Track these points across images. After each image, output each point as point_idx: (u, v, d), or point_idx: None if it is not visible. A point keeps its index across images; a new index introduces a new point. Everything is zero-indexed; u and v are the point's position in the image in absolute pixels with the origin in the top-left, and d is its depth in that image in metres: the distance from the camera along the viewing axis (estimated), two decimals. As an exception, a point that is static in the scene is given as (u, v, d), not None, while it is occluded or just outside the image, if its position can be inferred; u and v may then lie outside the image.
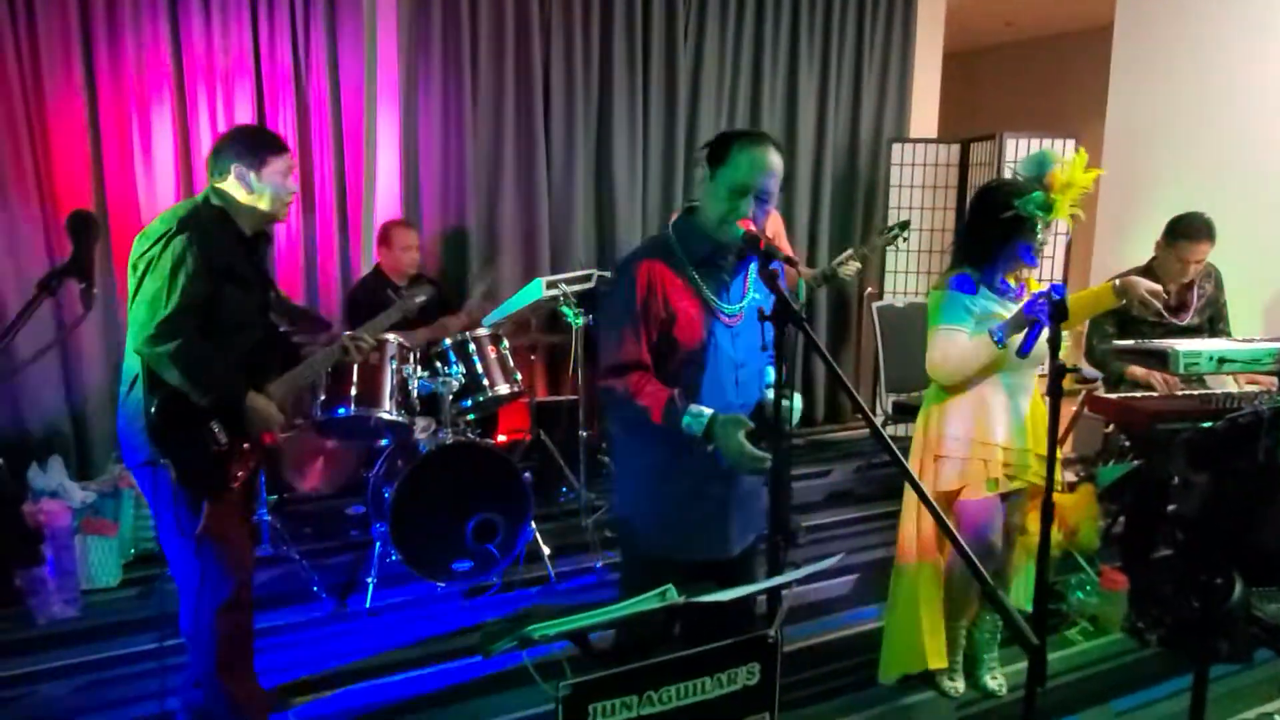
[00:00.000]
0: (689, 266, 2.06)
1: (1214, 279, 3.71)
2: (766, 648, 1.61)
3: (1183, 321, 3.60)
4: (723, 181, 1.99)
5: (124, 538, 3.90)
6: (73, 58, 4.17)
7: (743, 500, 2.19)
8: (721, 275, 2.09)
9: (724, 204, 1.99)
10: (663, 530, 2.15)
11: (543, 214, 5.29)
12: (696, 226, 2.08)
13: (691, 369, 2.07)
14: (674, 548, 2.14)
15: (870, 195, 6.30)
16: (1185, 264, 3.49)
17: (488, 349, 3.92)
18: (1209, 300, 3.66)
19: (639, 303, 2.02)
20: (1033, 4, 7.12)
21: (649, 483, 2.16)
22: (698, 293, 2.06)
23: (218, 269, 2.33)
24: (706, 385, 2.08)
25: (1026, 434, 2.70)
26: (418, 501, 3.54)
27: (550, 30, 5.20)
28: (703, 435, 1.97)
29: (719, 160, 2.01)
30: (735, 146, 2.00)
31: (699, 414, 1.97)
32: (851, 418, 6.50)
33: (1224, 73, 4.81)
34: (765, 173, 1.98)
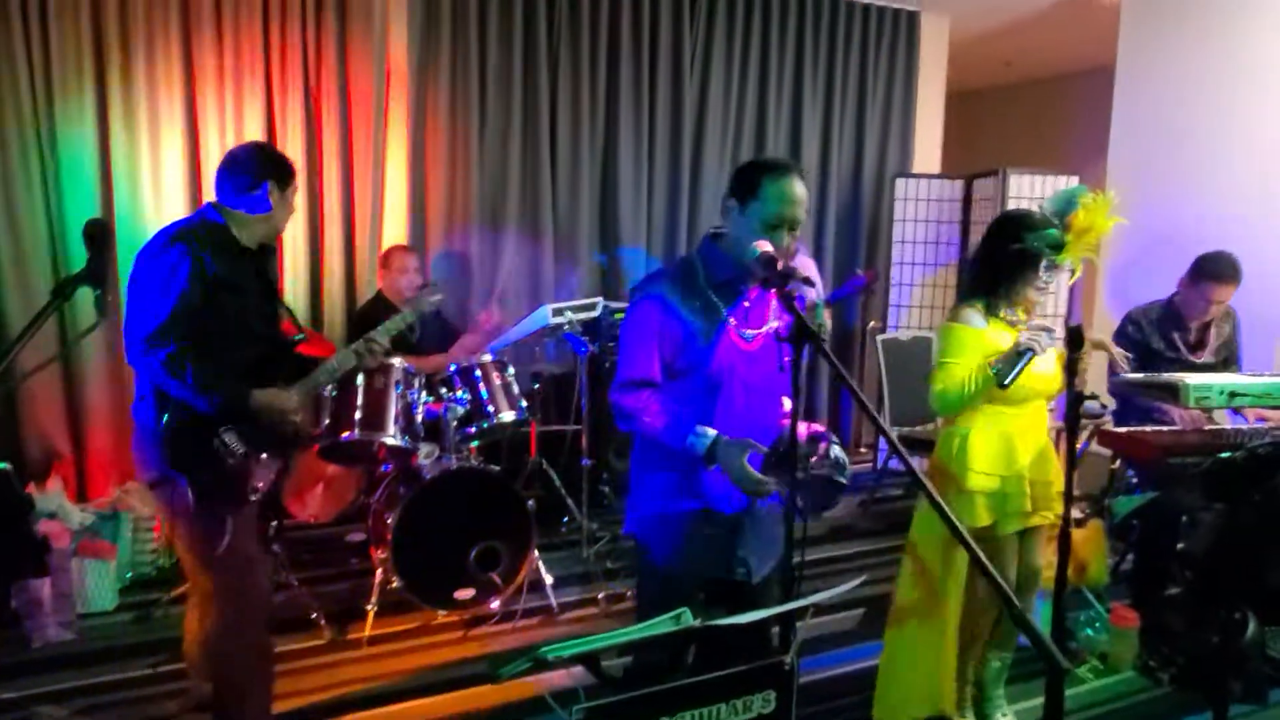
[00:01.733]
0: (709, 289, 2.08)
1: (1232, 320, 3.71)
2: (783, 675, 1.59)
3: (1199, 359, 3.59)
4: (755, 216, 2.00)
5: (122, 561, 3.86)
6: (84, 70, 4.22)
7: (757, 526, 2.18)
8: (743, 300, 2.11)
9: (751, 235, 1.97)
10: (674, 545, 2.15)
11: (548, 243, 5.31)
12: (722, 250, 2.10)
13: (703, 390, 2.09)
14: (684, 564, 2.15)
15: (874, 230, 6.33)
16: (1210, 304, 3.48)
17: (493, 375, 3.91)
18: (1225, 341, 3.66)
19: (655, 321, 2.05)
20: (1033, 46, 7.22)
21: (661, 499, 2.16)
22: (715, 315, 2.08)
23: (214, 278, 2.33)
24: (719, 407, 2.09)
25: (1048, 466, 2.69)
26: (420, 528, 3.51)
27: (558, 62, 5.25)
28: (705, 455, 2.00)
29: (749, 194, 2.02)
30: (766, 180, 2.00)
31: (702, 434, 2.01)
32: (855, 452, 6.47)
33: (1224, 113, 4.86)
34: (795, 204, 2.00)
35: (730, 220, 2.07)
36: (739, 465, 1.96)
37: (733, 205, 2.06)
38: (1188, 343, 3.60)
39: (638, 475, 2.24)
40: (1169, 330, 3.59)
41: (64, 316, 4.20)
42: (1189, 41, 5.05)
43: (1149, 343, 3.58)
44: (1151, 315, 3.64)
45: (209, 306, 2.31)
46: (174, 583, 3.79)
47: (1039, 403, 2.73)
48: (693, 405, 2.07)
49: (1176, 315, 3.59)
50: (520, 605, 3.70)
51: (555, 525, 4.69)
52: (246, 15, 4.51)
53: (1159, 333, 3.59)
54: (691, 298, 2.07)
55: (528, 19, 5.14)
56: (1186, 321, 3.57)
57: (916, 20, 6.31)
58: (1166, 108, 5.16)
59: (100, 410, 4.36)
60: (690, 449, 2.01)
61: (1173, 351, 3.58)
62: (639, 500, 2.23)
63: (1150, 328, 3.61)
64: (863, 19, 6.13)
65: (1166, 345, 3.58)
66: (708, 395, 2.08)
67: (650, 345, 2.06)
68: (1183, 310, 3.54)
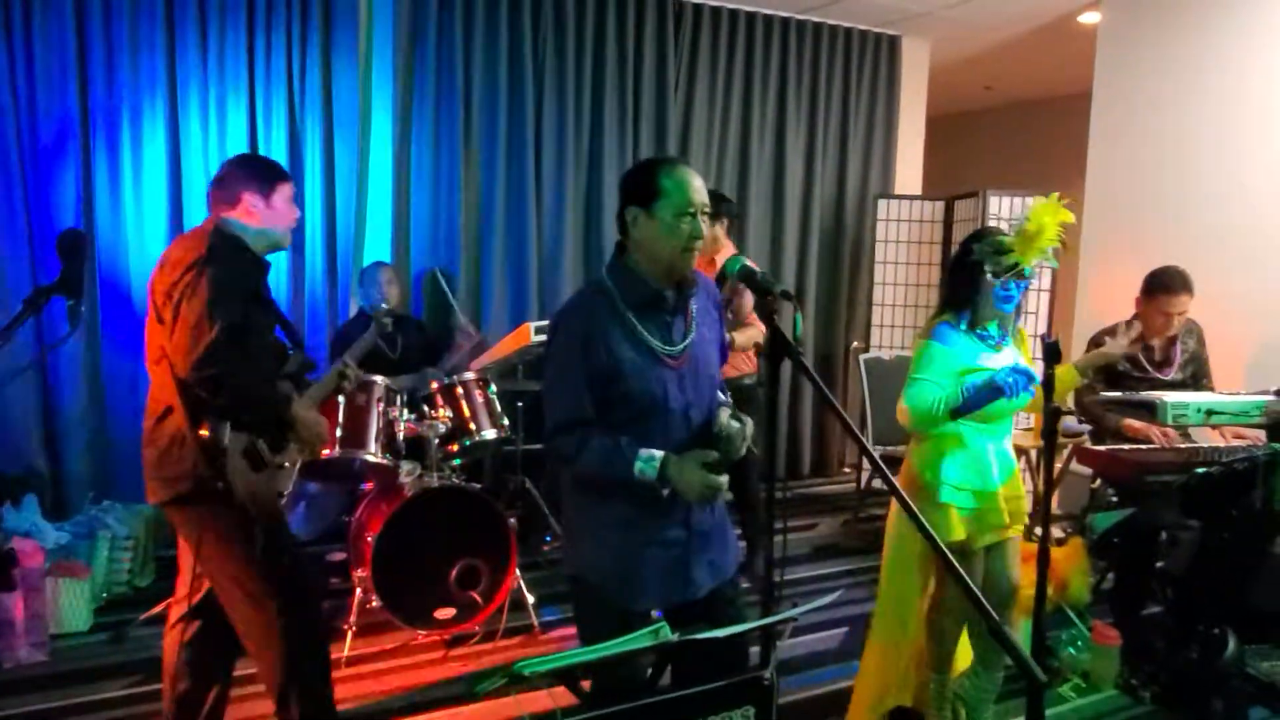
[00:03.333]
0: (628, 311, 1.99)
1: (1196, 335, 3.74)
2: (762, 690, 1.58)
3: (1166, 376, 3.62)
4: (664, 212, 1.94)
5: (96, 581, 3.81)
6: (67, 78, 4.21)
7: (705, 541, 2.10)
8: (662, 316, 2.03)
9: (672, 233, 1.94)
10: (623, 581, 2.04)
11: (531, 263, 5.32)
12: (633, 268, 2.01)
13: (641, 418, 1.99)
14: (635, 597, 2.03)
15: (856, 251, 6.37)
16: (1168, 317, 3.52)
17: (475, 393, 3.90)
18: (1192, 356, 3.69)
19: (579, 356, 1.95)
20: (1012, 70, 7.33)
21: (606, 536, 2.04)
22: (639, 339, 1.99)
23: (246, 294, 2.37)
24: (657, 432, 1.99)
25: (1016, 480, 2.70)
26: (400, 546, 3.48)
27: (543, 82, 5.28)
28: (657, 479, 1.92)
29: (650, 195, 1.95)
30: (662, 175, 1.96)
31: (649, 458, 1.92)
32: (838, 471, 6.48)
33: (1199, 137, 4.94)
34: (699, 189, 1.96)
35: (637, 230, 1.98)
36: (697, 476, 1.89)
37: (636, 213, 1.97)
38: (1153, 361, 3.63)
39: (579, 514, 2.12)
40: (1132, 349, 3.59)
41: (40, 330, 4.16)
42: (1165, 66, 5.13)
43: (1115, 364, 3.60)
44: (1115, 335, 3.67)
45: (245, 322, 2.34)
46: (149, 603, 3.74)
47: (1009, 418, 2.76)
48: (630, 435, 1.96)
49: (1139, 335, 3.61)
50: (501, 625, 3.67)
51: (538, 544, 4.66)
52: (231, 25, 4.52)
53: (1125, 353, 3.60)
54: (613, 326, 1.97)
55: (513, 39, 5.16)
56: (1149, 339, 3.60)
57: (898, 44, 6.39)
58: (1142, 131, 5.24)
59: (77, 428, 4.31)
60: (641, 476, 1.91)
61: (1139, 370, 3.61)
62: (583, 540, 2.10)
63: None
64: (845, 42, 6.20)
65: (1132, 365, 3.62)
66: (644, 422, 1.98)
67: (579, 382, 1.95)
68: (1145, 329, 3.56)
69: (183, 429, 2.32)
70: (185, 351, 2.23)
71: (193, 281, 2.26)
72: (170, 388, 2.34)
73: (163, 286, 2.31)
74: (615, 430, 1.97)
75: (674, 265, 1.98)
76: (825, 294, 6.32)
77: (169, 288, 2.29)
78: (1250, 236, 4.65)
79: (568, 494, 2.14)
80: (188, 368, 2.23)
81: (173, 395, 2.34)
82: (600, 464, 1.95)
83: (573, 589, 2.16)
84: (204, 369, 2.22)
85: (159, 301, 2.33)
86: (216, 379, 2.24)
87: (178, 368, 2.27)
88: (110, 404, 4.39)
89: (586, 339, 1.95)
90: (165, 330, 2.30)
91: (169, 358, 2.31)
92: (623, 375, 1.96)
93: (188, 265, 2.28)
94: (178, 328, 2.26)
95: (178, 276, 2.28)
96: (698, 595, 2.09)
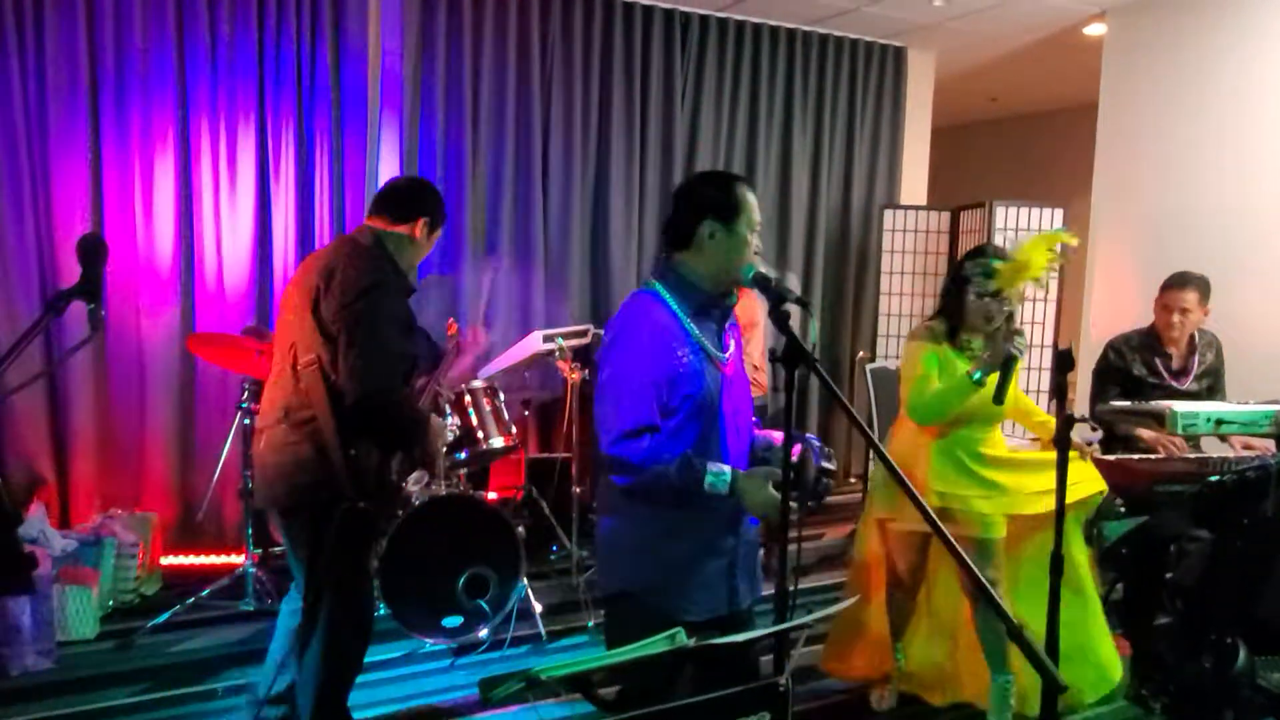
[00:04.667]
0: (685, 318, 2.04)
1: (1215, 349, 3.71)
2: (778, 696, 1.57)
3: (1182, 386, 3.60)
4: (743, 228, 2.01)
5: (104, 589, 3.80)
6: (79, 88, 4.23)
7: (748, 553, 2.16)
8: (713, 323, 2.09)
9: (746, 247, 2.01)
10: (671, 593, 2.04)
11: (538, 272, 5.33)
12: (686, 276, 2.06)
13: (696, 421, 2.02)
14: (683, 608, 2.02)
15: (862, 261, 6.37)
16: (1169, 311, 3.50)
17: (483, 401, 3.90)
18: (1209, 369, 3.67)
19: (647, 362, 1.97)
20: (1017, 82, 7.35)
21: (657, 546, 2.05)
22: (695, 341, 2.03)
23: (407, 323, 2.50)
24: (705, 434, 2.03)
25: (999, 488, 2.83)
26: (408, 555, 3.47)
27: (550, 91, 5.30)
28: (728, 492, 1.94)
29: (733, 210, 2.01)
30: (740, 191, 2.04)
31: (720, 472, 1.94)
32: (844, 480, 6.46)
33: (1205, 151, 4.95)
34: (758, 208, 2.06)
35: (713, 242, 2.02)
36: (766, 493, 1.91)
37: (715, 226, 2.01)
38: (1170, 369, 3.61)
39: (625, 526, 2.09)
40: (1150, 356, 3.61)
41: (50, 338, 4.17)
42: (1170, 77, 5.14)
43: (1130, 369, 3.60)
44: (1133, 341, 3.67)
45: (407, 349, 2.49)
46: (156, 611, 3.74)
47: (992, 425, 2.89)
48: (688, 441, 2.00)
49: (1156, 341, 3.62)
50: (509, 634, 3.66)
51: (544, 554, 4.65)
52: (242, 32, 4.53)
53: (1140, 359, 3.61)
54: (672, 332, 2.01)
55: (521, 48, 5.18)
56: (1166, 346, 3.59)
57: (904, 55, 6.41)
58: (1149, 143, 5.24)
59: (86, 435, 4.31)
60: (711, 489, 1.93)
61: (1155, 377, 3.59)
62: (627, 553, 2.09)
63: (1131, 354, 3.63)
64: (851, 54, 6.22)
65: (1148, 371, 3.61)
66: (699, 428, 2.02)
67: (647, 388, 1.96)
68: (1162, 335, 3.57)
69: (327, 440, 2.35)
70: (362, 376, 2.29)
71: (370, 307, 2.33)
72: (321, 397, 2.35)
73: (334, 301, 2.35)
74: (670, 432, 2.00)
75: (736, 278, 2.03)
76: (831, 304, 6.31)
77: (341, 306, 2.33)
78: (1258, 248, 4.65)
79: (610, 506, 2.12)
80: (362, 391, 2.30)
81: (322, 406, 2.35)
82: (670, 473, 1.94)
83: (611, 608, 2.16)
84: (379, 396, 2.31)
85: (326, 315, 2.36)
86: (386, 407, 2.34)
87: (349, 389, 2.31)
88: (118, 411, 4.39)
89: (651, 344, 1.98)
90: (330, 346, 2.35)
91: (328, 371, 2.35)
92: (684, 377, 1.99)
93: (364, 289, 2.33)
94: (353, 351, 2.31)
95: (353, 299, 2.33)
96: (740, 607, 2.12)
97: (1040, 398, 5.59)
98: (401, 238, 2.52)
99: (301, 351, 2.41)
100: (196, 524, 4.43)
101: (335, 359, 2.35)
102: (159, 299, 4.44)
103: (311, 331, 2.39)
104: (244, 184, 4.61)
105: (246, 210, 4.62)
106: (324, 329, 2.36)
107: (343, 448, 2.32)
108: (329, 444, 2.34)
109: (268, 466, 2.46)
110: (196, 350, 4.14)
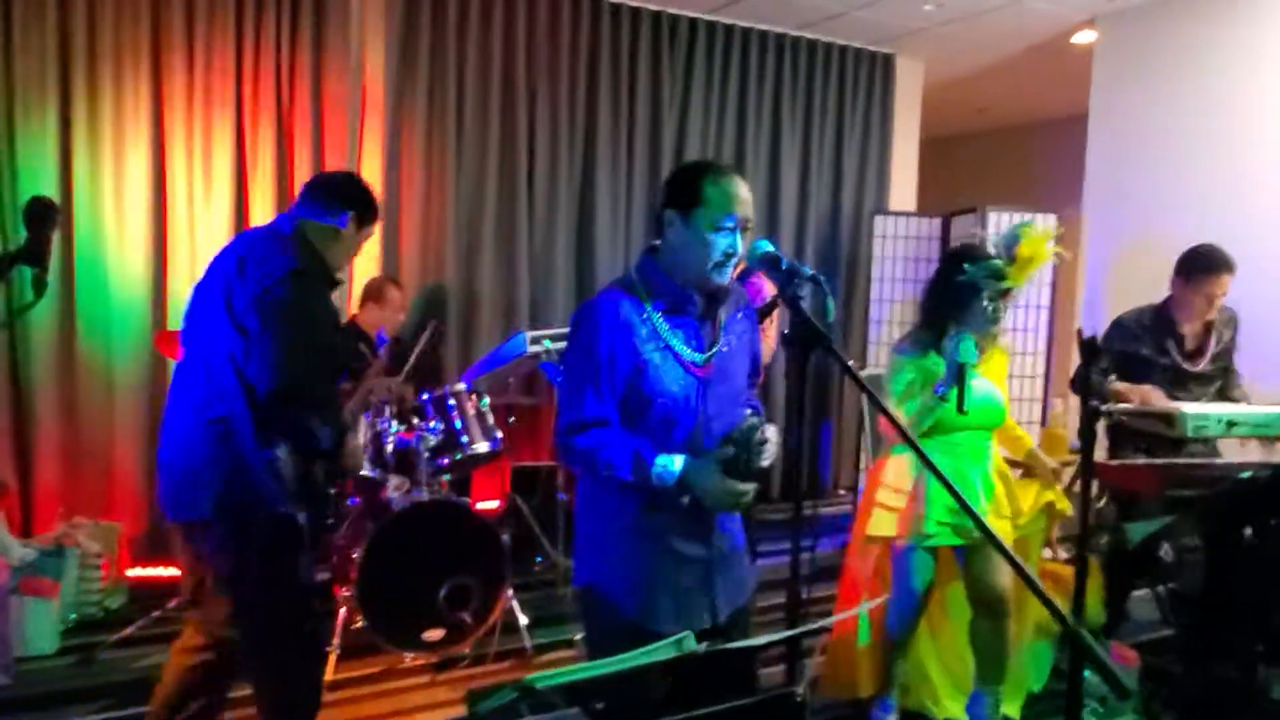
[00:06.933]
0: (654, 312, 1.90)
1: (1234, 326, 3.50)
2: (794, 707, 1.44)
3: (1196, 367, 3.39)
4: (701, 223, 1.84)
5: (65, 601, 3.63)
6: (47, 84, 4.10)
7: (725, 563, 1.99)
8: (689, 321, 1.93)
9: (709, 246, 1.84)
10: (638, 595, 1.91)
11: (523, 277, 5.21)
12: (663, 269, 1.93)
13: (661, 422, 1.89)
14: (651, 616, 1.89)
15: (852, 268, 6.30)
16: (1210, 300, 3.29)
17: (467, 405, 3.75)
18: (1226, 348, 3.47)
19: (603, 352, 1.86)
20: (1005, 92, 7.32)
21: (621, 544, 1.93)
22: (663, 340, 1.89)
23: (330, 315, 2.34)
24: (679, 443, 1.89)
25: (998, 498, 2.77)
26: (387, 564, 3.32)
27: (536, 98, 5.20)
28: (676, 485, 1.81)
29: (690, 201, 1.86)
30: (706, 182, 1.86)
31: (668, 462, 1.82)
32: (834, 493, 6.35)
33: (1197, 155, 4.91)
34: (744, 202, 1.86)
35: (672, 233, 1.90)
36: (716, 483, 1.79)
37: (673, 217, 1.89)
38: (1183, 350, 3.39)
39: (592, 519, 2.01)
40: (1162, 337, 3.39)
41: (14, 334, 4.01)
42: (1161, 85, 5.11)
43: (1138, 350, 3.38)
44: (1144, 320, 3.44)
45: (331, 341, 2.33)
46: (120, 625, 3.57)
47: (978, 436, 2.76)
48: (650, 439, 1.87)
49: (1170, 320, 3.39)
50: (493, 648, 3.51)
51: (529, 564, 4.50)
52: (220, 34, 4.41)
53: (1151, 339, 3.39)
54: (635, 323, 1.88)
55: (506, 52, 5.09)
56: (1180, 327, 3.37)
57: (892, 62, 6.37)
58: (1139, 151, 5.21)
59: (50, 438, 4.13)
60: (660, 482, 1.81)
61: (1165, 359, 3.37)
62: (593, 548, 2.00)
63: (1142, 333, 3.41)
64: (840, 60, 6.17)
65: (1158, 352, 3.38)
66: (665, 428, 1.88)
67: (601, 379, 1.86)
68: (1178, 313, 3.34)
69: (243, 441, 2.17)
70: (276, 367, 2.11)
71: (286, 297, 2.13)
72: (235, 394, 2.18)
73: (245, 294, 2.17)
74: (635, 433, 1.87)
75: (703, 278, 1.88)
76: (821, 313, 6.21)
77: (256, 296, 2.15)
78: (1252, 257, 4.56)
79: (581, 495, 2.02)
80: (275, 388, 2.11)
81: (236, 403, 2.18)
82: (615, 462, 1.83)
83: (582, 601, 2.05)
84: (295, 390, 2.12)
85: (238, 307, 2.18)
86: (303, 403, 2.15)
87: (260, 385, 2.13)
88: (84, 414, 4.21)
89: (608, 336, 1.86)
90: (244, 338, 2.16)
91: (241, 366, 2.16)
92: (643, 377, 1.86)
93: (280, 277, 2.15)
94: (264, 342, 2.11)
95: (270, 285, 2.14)
96: (718, 622, 1.96)
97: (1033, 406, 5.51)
98: (326, 230, 2.35)
99: (213, 345, 2.24)
100: (165, 534, 4.24)
101: (248, 352, 2.16)
102: (129, 299, 4.28)
103: (223, 323, 2.21)
104: (220, 185, 4.46)
105: (222, 210, 4.47)
106: (236, 320, 2.19)
107: (260, 449, 2.15)
108: (245, 446, 2.16)
109: (175, 470, 2.28)
110: (166, 350, 3.97)
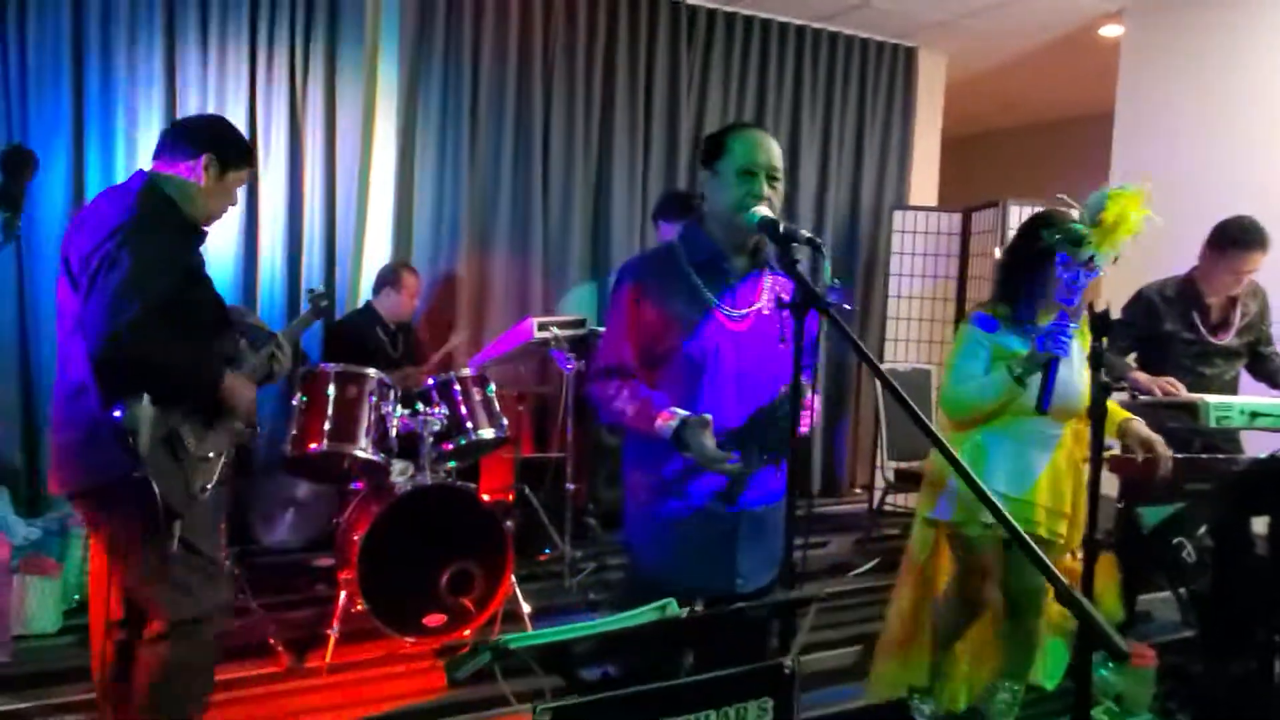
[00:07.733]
0: (690, 268, 1.98)
1: (1260, 299, 3.40)
2: (782, 679, 1.38)
3: (1221, 340, 3.29)
4: (728, 169, 1.92)
5: (68, 581, 3.61)
6: (61, 73, 4.09)
7: (757, 532, 1.98)
8: (727, 278, 1.99)
9: (735, 190, 1.90)
10: (663, 552, 1.96)
11: (536, 264, 5.18)
12: (705, 232, 2.02)
13: (688, 376, 1.94)
14: (674, 574, 1.92)
15: (871, 262, 6.21)
16: (1238, 276, 3.20)
17: (472, 390, 3.71)
18: (1251, 322, 3.36)
19: (628, 306, 1.97)
20: (1030, 87, 7.20)
21: (652, 499, 1.99)
22: (697, 295, 1.96)
23: (176, 267, 2.12)
24: (705, 394, 1.93)
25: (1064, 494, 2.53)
26: (389, 547, 3.28)
27: (552, 83, 5.17)
28: (671, 438, 1.84)
29: (717, 154, 1.95)
30: (730, 137, 1.96)
31: (672, 416, 1.85)
32: (848, 492, 6.27)
33: (1226, 154, 4.79)
34: (768, 151, 1.91)
35: (709, 192, 1.99)
36: (698, 443, 1.81)
37: (705, 175, 1.99)
38: (1209, 323, 3.29)
39: (630, 472, 2.08)
40: (1187, 309, 3.29)
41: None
42: (1190, 79, 5.00)
43: (1162, 324, 3.29)
44: (1168, 292, 3.34)
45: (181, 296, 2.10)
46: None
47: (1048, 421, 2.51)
48: (676, 392, 1.93)
49: (1196, 293, 3.29)
50: (495, 635, 3.46)
51: (536, 555, 4.45)
52: (233, 24, 4.41)
53: (1176, 312, 3.30)
54: (671, 280, 1.97)
55: (523, 38, 5.06)
56: (1206, 299, 3.28)
57: (914, 56, 6.28)
58: (1167, 147, 5.08)
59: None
60: (661, 434, 1.85)
61: (1190, 333, 3.28)
62: (630, 501, 2.08)
63: (1165, 306, 3.32)
64: (861, 53, 6.09)
65: (1184, 325, 3.29)
66: (691, 380, 1.93)
67: (623, 331, 1.98)
68: (1204, 286, 3.25)
69: (97, 408, 2.05)
70: (101, 328, 1.97)
71: (114, 250, 1.99)
72: (81, 361, 2.07)
73: (80, 250, 2.05)
74: (664, 388, 1.93)
75: (735, 224, 1.91)
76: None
77: (87, 253, 2.02)
78: (1281, 252, 4.47)
79: (627, 452, 2.10)
80: (102, 346, 1.98)
81: (84, 370, 2.07)
82: (625, 413, 1.91)
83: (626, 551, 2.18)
84: (120, 349, 1.97)
85: (75, 267, 2.06)
86: (135, 361, 2.00)
87: (91, 344, 2.01)
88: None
89: (638, 290, 1.95)
90: (80, 300, 2.03)
91: (83, 331, 2.04)
92: (673, 329, 1.92)
93: (111, 231, 2.01)
94: (93, 300, 1.99)
95: (98, 242, 2.01)
96: (745, 589, 1.96)
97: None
98: (182, 181, 2.19)
99: (63, 311, 2.14)
100: (172, 516, 4.23)
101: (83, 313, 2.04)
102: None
103: (66, 291, 2.11)
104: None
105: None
106: (74, 283, 2.07)
107: (105, 412, 2.02)
108: (95, 411, 2.05)
109: (52, 448, 2.21)
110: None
